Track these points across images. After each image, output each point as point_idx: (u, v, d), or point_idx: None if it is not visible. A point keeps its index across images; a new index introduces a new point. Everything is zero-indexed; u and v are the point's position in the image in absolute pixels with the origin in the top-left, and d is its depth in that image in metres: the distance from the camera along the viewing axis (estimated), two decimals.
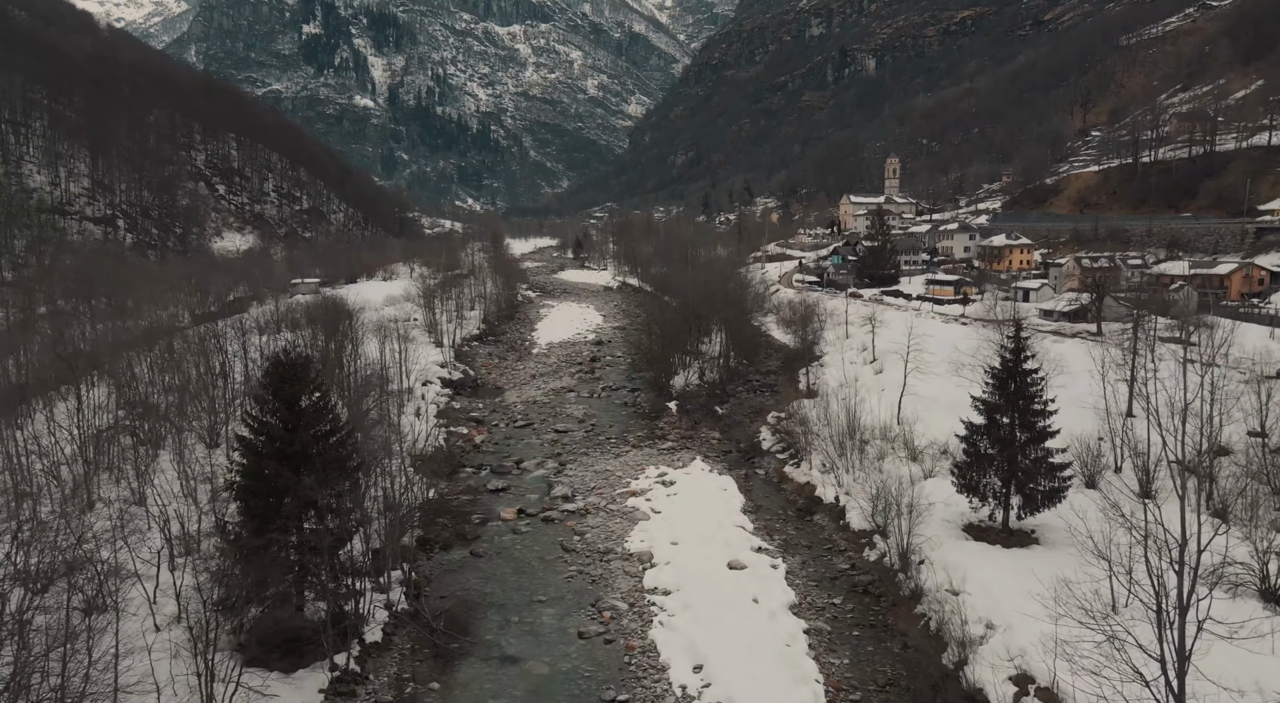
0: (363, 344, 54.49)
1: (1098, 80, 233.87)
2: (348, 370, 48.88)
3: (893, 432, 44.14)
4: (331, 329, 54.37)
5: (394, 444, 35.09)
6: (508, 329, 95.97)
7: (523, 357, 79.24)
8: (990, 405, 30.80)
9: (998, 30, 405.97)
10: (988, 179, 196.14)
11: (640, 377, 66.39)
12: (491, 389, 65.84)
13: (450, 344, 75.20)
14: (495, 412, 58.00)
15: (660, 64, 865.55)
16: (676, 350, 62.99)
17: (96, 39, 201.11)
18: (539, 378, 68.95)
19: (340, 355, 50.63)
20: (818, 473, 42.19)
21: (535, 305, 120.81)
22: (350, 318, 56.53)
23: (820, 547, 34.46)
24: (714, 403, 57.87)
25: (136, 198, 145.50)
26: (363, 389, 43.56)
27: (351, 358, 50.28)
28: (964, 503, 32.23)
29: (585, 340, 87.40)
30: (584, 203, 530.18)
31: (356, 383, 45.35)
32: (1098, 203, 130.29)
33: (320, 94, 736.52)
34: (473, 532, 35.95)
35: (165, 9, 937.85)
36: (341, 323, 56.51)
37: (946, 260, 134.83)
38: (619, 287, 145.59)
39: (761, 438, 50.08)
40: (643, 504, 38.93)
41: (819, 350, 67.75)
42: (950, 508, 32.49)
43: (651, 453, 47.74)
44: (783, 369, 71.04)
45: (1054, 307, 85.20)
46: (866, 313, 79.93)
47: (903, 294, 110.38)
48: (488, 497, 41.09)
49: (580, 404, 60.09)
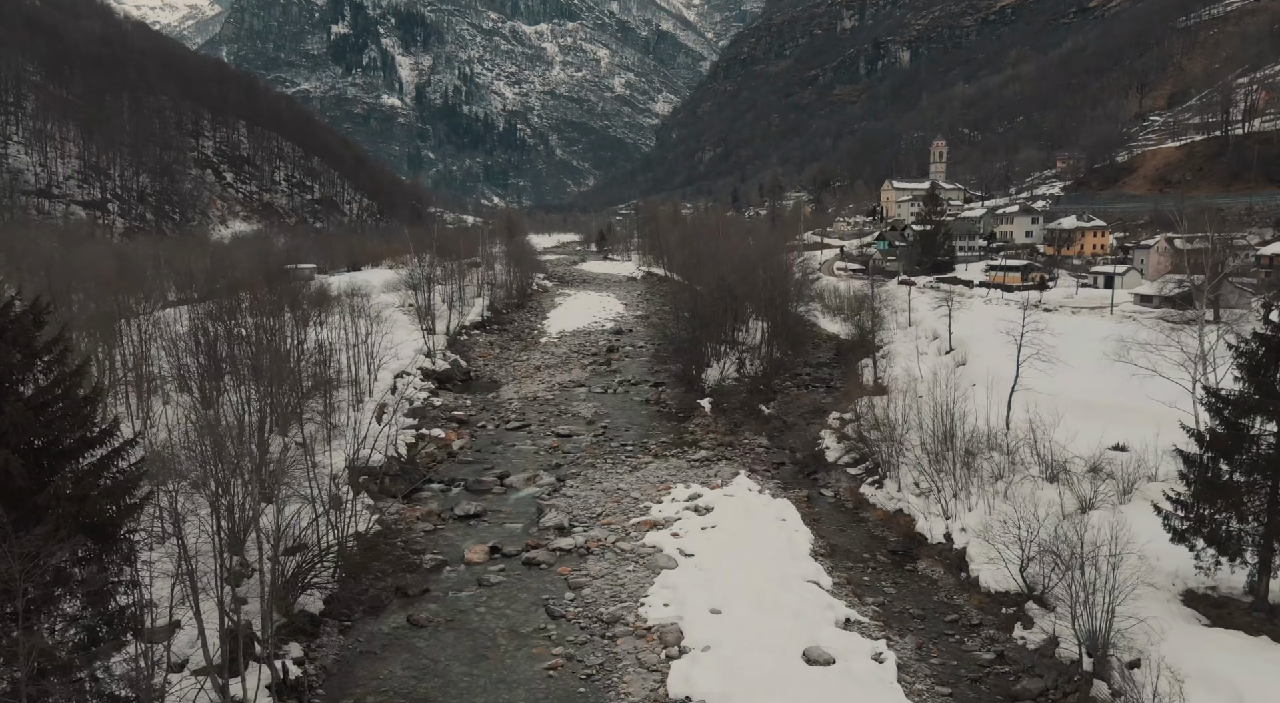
0: (320, 327, 43.72)
1: (1155, 63, 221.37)
2: (290, 359, 38.18)
3: (1003, 438, 32.13)
4: (278, 307, 43.59)
5: (317, 455, 24.08)
6: (516, 317, 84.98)
7: (529, 346, 68.01)
8: (1241, 404, 18.71)
9: (1039, 19, 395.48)
10: (1039, 166, 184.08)
11: (665, 370, 54.87)
12: (486, 383, 54.70)
13: (446, 331, 64.34)
14: (485, 410, 46.74)
15: (688, 62, 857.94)
16: (710, 340, 51.29)
17: (107, 24, 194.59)
18: (544, 370, 57.65)
19: (285, 340, 39.90)
20: (911, 497, 30.29)
21: (551, 294, 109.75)
22: (303, 291, 45.68)
23: (939, 618, 22.52)
24: (757, 401, 46.10)
25: (133, 182, 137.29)
26: (294, 382, 32.57)
27: (293, 343, 39.46)
28: (1177, 556, 20.32)
29: (602, 329, 76.01)
30: (609, 200, 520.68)
31: (291, 374, 34.41)
32: (1181, 181, 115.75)
33: (348, 94, 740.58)
34: (419, 583, 24.62)
35: (199, 12, 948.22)
36: (298, 300, 45.83)
37: (1006, 246, 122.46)
38: (643, 277, 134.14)
39: (824, 445, 38.22)
40: (667, 541, 27.30)
41: (878, 340, 55.74)
42: (1153, 564, 20.52)
43: (679, 465, 36.11)
44: (836, 361, 59.10)
45: (1155, 291, 72.41)
46: (926, 300, 68.07)
47: (961, 281, 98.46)
48: (452, 527, 29.77)
49: (591, 401, 48.62)
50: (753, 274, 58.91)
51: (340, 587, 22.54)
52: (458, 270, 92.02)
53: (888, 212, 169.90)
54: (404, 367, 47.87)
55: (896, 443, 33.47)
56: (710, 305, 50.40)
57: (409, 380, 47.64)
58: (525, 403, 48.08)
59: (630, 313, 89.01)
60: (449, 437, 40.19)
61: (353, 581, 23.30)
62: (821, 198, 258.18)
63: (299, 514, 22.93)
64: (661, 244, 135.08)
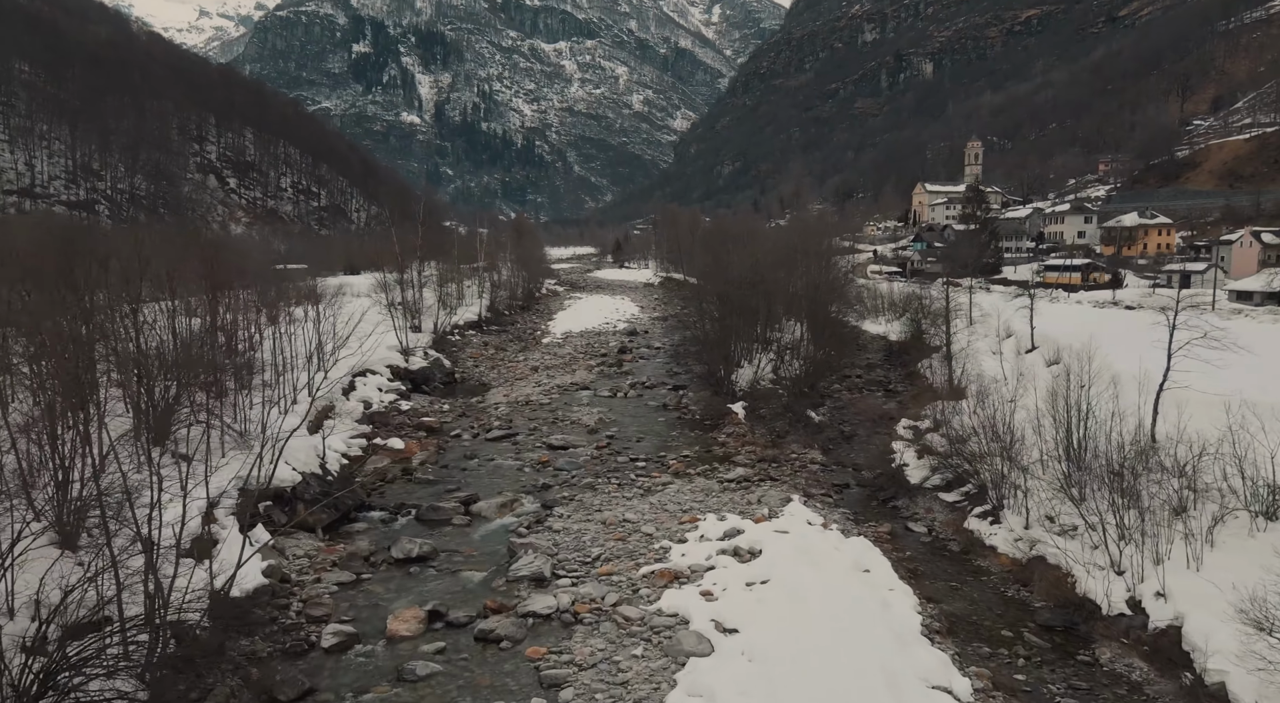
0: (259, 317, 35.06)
1: (1197, 67, 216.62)
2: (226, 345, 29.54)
3: (1171, 454, 22.45)
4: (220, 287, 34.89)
5: (197, 472, 15.05)
6: (520, 319, 76.18)
7: (528, 347, 58.97)
8: None
9: (1067, 29, 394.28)
10: (1076, 170, 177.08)
11: (686, 372, 45.60)
12: (473, 385, 45.65)
13: (434, 329, 55.55)
14: (464, 416, 37.56)
15: (706, 79, 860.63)
16: (741, 336, 41.95)
17: (116, 28, 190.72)
18: (543, 371, 48.53)
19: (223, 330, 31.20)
20: (1049, 536, 20.72)
21: (560, 298, 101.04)
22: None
23: None
24: (804, 405, 36.61)
25: (126, 184, 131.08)
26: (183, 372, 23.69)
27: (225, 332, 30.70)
28: None
29: (614, 330, 66.93)
30: (627, 215, 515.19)
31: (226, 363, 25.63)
32: (1253, 174, 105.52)
33: (368, 111, 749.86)
34: (300, 679, 15.39)
35: (224, 33, 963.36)
36: None
37: (1056, 247, 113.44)
38: (661, 282, 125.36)
39: (901, 462, 28.69)
40: (696, 606, 17.88)
41: (936, 340, 46.43)
42: None
43: (709, 488, 26.72)
44: (888, 362, 49.63)
45: (1261, 287, 62.70)
46: (985, 299, 59.15)
47: (1011, 282, 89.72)
48: (384, 577, 20.55)
49: (595, 406, 39.27)
50: (791, 260, 49.60)
51: (153, 691, 13.36)
52: (456, 271, 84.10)
53: (920, 215, 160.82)
54: (368, 364, 38.94)
55: (1011, 459, 23.93)
56: (743, 293, 41.06)
57: (371, 380, 38.71)
58: (515, 408, 38.88)
59: (646, 315, 79.98)
60: (408, 449, 31.06)
61: (179, 674, 14.09)
62: (845, 208, 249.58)
63: (115, 565, 13.88)
64: (682, 246, 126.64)
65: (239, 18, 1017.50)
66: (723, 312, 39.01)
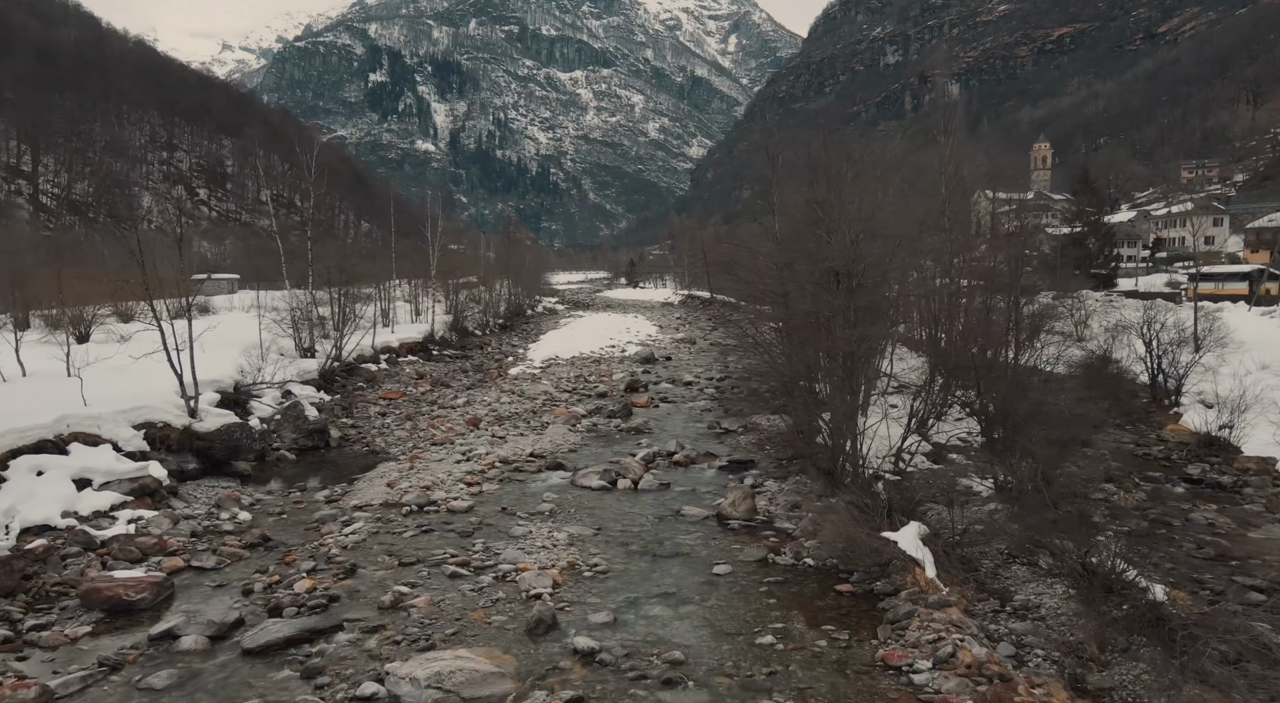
0: None
1: (1269, 71, 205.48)
2: None
3: None
4: None
5: None
6: (493, 340, 54.98)
7: (486, 381, 37.56)
8: None
9: (1103, 45, 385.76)
10: (1143, 182, 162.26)
11: (748, 428, 24.18)
12: (350, 454, 24.30)
13: (334, 352, 34.39)
14: (249, 553, 16.11)
15: (722, 107, 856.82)
16: (856, 367, 20.10)
17: (84, 30, 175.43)
18: (489, 425, 27.06)
19: None
20: None
21: (558, 316, 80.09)
22: None
23: None
24: (1051, 533, 15.11)
25: (63, 187, 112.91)
26: None
27: None
28: None
29: (620, 356, 45.60)
30: (643, 240, 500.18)
31: None
32: None
33: (383, 139, 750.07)
34: None
35: (245, 65, 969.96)
36: None
37: (1176, 256, 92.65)
38: (681, 301, 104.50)
39: None
40: None
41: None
42: None
43: None
44: (1116, 406, 27.77)
45: None
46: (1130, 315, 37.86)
47: (1139, 294, 69.51)
48: None
49: (566, 520, 17.72)
50: (922, 244, 28.19)
51: None
52: (424, 285, 64.28)
53: (980, 224, 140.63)
54: (79, 424, 17.79)
55: None
56: (876, 281, 19.39)
57: (80, 458, 17.45)
58: (382, 528, 17.35)
59: (667, 336, 58.52)
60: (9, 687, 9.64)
61: None
62: None
63: None
64: (706, 259, 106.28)
65: (260, 50, 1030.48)
66: (848, 312, 17.36)
